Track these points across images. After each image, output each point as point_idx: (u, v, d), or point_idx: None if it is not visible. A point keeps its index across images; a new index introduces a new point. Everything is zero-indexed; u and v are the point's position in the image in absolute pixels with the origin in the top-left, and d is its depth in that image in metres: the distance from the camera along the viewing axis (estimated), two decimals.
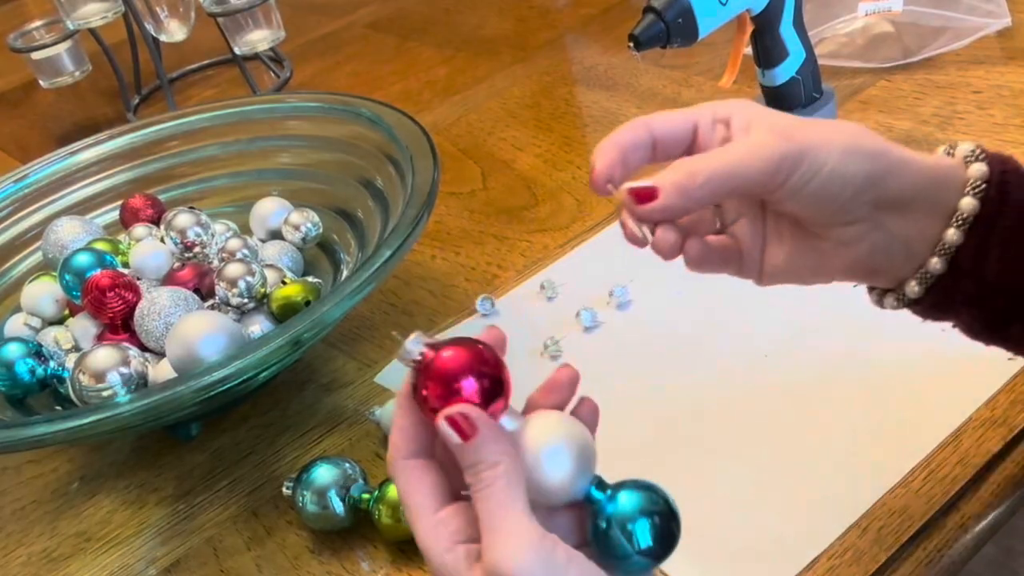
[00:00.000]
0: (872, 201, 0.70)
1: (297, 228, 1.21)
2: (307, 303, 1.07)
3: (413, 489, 0.66)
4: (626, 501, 0.65)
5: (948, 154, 0.74)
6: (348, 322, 1.21)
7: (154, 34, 1.76)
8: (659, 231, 0.72)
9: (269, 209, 1.25)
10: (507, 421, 0.65)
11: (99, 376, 1.00)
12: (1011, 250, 0.71)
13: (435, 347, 0.65)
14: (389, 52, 1.88)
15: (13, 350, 1.09)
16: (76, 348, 1.13)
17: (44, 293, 1.18)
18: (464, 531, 0.65)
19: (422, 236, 1.05)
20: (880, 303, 0.78)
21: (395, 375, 1.13)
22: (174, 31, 1.76)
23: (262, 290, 1.09)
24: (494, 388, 0.65)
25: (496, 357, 0.66)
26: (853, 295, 1.06)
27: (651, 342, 1.07)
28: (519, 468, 0.63)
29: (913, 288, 0.74)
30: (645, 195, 0.70)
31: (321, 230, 1.22)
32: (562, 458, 0.64)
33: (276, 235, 1.24)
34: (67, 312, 1.18)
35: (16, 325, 1.18)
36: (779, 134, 0.69)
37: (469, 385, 0.64)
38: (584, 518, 0.67)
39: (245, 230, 1.25)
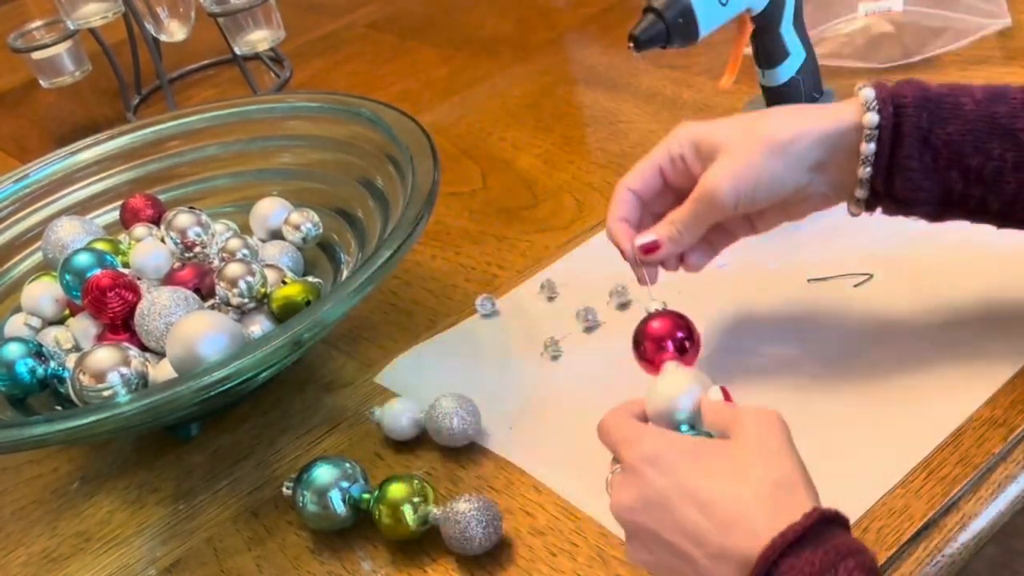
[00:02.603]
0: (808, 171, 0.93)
1: (297, 228, 1.21)
2: (307, 303, 1.07)
3: None
4: None
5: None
6: (348, 322, 1.21)
7: (154, 34, 1.76)
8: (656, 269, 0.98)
9: (269, 209, 1.25)
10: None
11: (99, 376, 1.00)
12: (909, 176, 0.90)
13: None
14: (389, 52, 1.88)
15: (13, 350, 1.09)
16: (76, 348, 1.13)
17: (44, 293, 1.18)
18: None
19: (422, 236, 1.05)
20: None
21: (395, 376, 1.13)
22: (174, 31, 1.76)
23: (262, 290, 1.09)
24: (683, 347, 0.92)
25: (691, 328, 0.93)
26: (853, 296, 1.06)
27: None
28: None
29: (852, 210, 0.96)
30: (651, 248, 0.95)
31: (321, 230, 1.22)
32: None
33: (276, 235, 1.24)
34: (67, 312, 1.18)
35: (16, 325, 1.18)
36: (727, 175, 0.92)
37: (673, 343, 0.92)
38: None
39: (245, 230, 1.25)
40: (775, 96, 1.20)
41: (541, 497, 0.96)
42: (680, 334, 0.91)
